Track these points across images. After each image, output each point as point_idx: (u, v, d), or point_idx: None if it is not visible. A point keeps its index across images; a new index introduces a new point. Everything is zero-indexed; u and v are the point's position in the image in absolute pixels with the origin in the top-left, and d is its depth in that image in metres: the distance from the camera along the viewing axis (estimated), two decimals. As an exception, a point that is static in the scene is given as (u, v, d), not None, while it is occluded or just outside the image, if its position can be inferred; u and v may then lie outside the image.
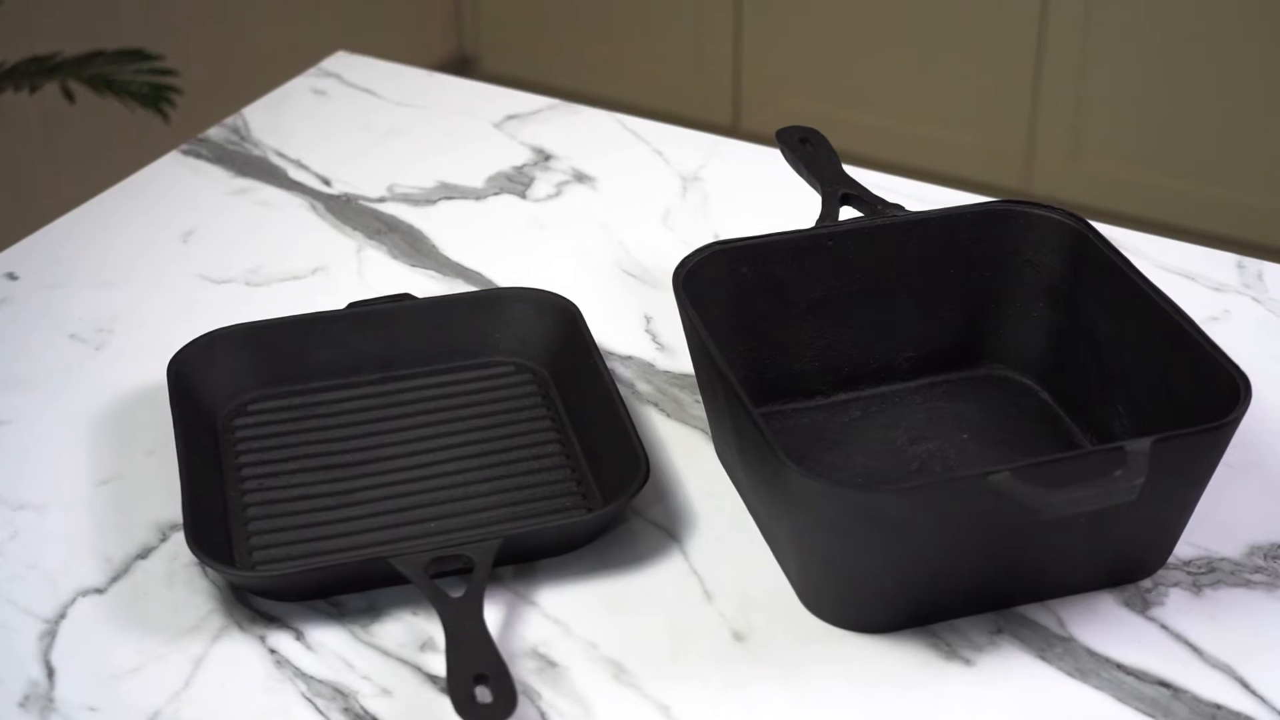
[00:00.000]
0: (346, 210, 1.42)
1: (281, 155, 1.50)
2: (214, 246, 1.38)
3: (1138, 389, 1.09)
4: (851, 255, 1.16)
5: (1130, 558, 1.03)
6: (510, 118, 1.56)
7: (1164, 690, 0.97)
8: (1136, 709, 0.96)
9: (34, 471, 1.14)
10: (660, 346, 1.26)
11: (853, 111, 3.17)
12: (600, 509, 1.06)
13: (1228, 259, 1.35)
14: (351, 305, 1.22)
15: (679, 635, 1.01)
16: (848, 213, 1.19)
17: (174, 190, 1.46)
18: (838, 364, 1.18)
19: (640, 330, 1.27)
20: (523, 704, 0.95)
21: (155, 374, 1.22)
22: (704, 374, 1.10)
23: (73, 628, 1.02)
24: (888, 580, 0.98)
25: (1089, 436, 1.14)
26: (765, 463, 0.99)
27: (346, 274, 1.34)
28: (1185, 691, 0.97)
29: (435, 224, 1.40)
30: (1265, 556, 1.06)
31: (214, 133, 1.54)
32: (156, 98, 2.04)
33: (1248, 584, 1.04)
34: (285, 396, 1.19)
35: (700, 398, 1.20)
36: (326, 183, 1.46)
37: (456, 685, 0.92)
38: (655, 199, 1.44)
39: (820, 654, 0.99)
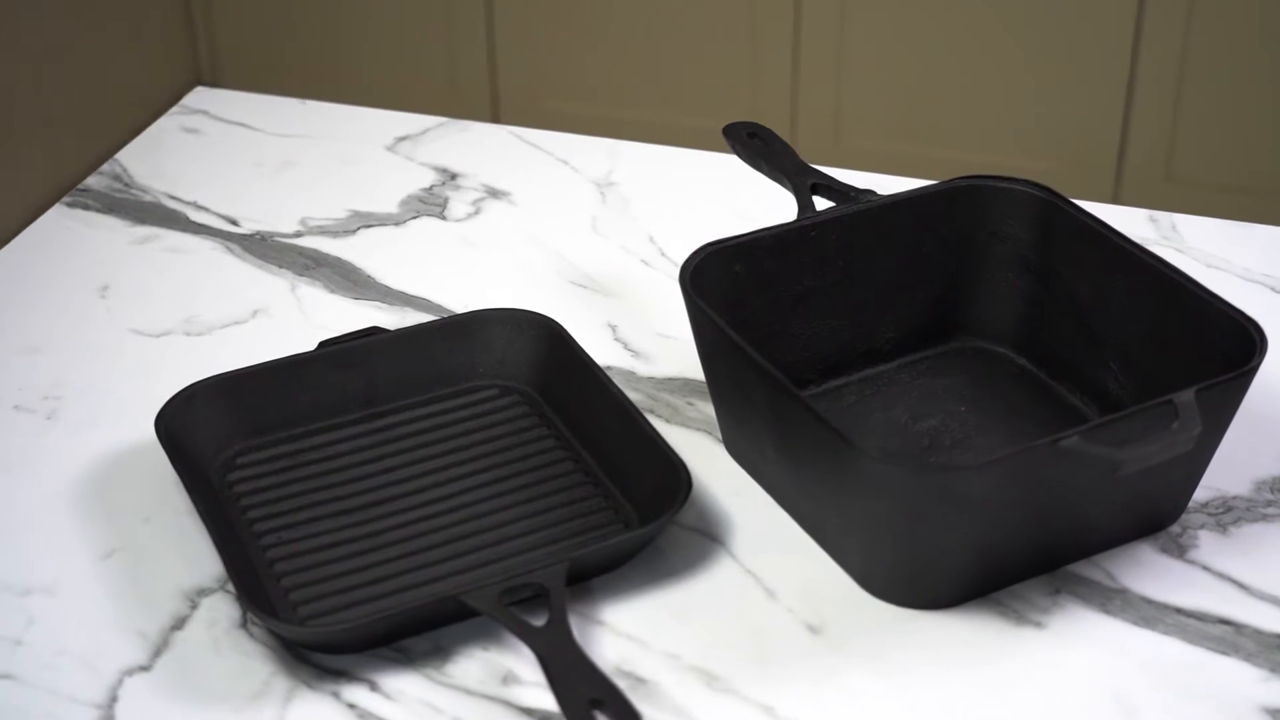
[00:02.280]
0: (265, 249, 1.38)
1: (175, 199, 1.45)
2: (136, 299, 1.32)
3: (1131, 345, 1.14)
4: (833, 244, 1.18)
5: (1163, 506, 1.07)
6: (401, 139, 1.53)
7: (1226, 628, 1.01)
8: (1209, 649, 1.00)
9: (28, 554, 1.08)
10: (635, 354, 1.25)
11: (616, 108, 3.17)
12: (651, 521, 1.05)
13: (1138, 214, 1.41)
14: (323, 345, 1.19)
15: (756, 636, 1.01)
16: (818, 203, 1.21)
17: (73, 245, 1.39)
18: (826, 352, 1.20)
19: (610, 340, 1.26)
20: (629, 724, 0.94)
21: (122, 437, 1.16)
22: (726, 371, 1.10)
23: (130, 710, 0.97)
24: (959, 556, 1.01)
25: (1078, 396, 1.17)
26: (828, 453, 1.00)
27: (289, 314, 1.30)
28: (1246, 626, 1.01)
29: (362, 254, 1.37)
30: (1273, 490, 1.11)
31: (94, 181, 1.47)
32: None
33: (1265, 518, 1.09)
34: (274, 445, 1.15)
35: (691, 400, 1.20)
36: (234, 223, 1.41)
37: (575, 714, 0.91)
38: (577, 207, 1.43)
39: (900, 636, 1.01)
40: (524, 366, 1.20)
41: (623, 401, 1.12)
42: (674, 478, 1.06)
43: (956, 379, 1.21)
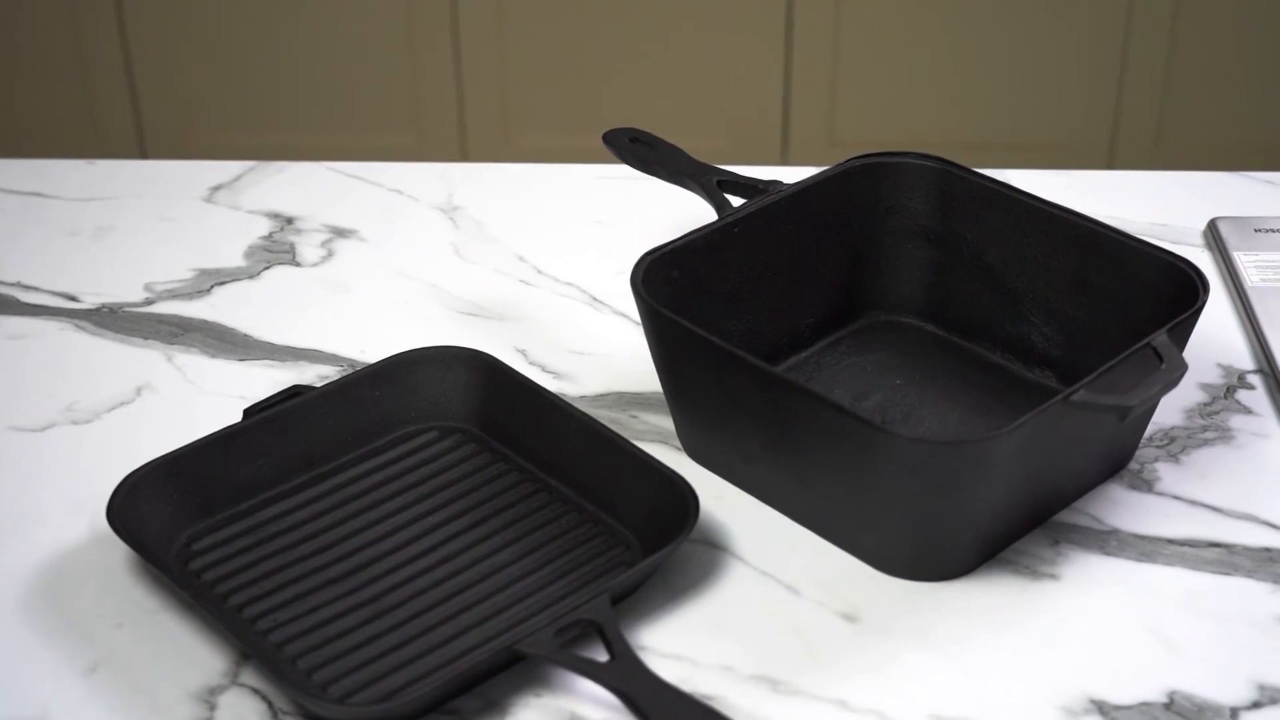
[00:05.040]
0: (119, 322, 1.29)
1: (-5, 282, 1.34)
2: (1, 391, 1.22)
3: (1053, 298, 1.18)
4: (755, 238, 1.19)
5: (1127, 446, 1.12)
6: (216, 188, 1.45)
7: (1219, 550, 1.07)
8: (1213, 572, 1.05)
9: (3, 684, 0.98)
10: (557, 375, 1.23)
11: (273, 133, 3.09)
12: (662, 539, 1.03)
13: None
14: (249, 413, 1.12)
15: (797, 634, 1.01)
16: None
17: (-101, 347, 1.27)
18: (756, 346, 1.20)
19: (525, 365, 1.24)
20: (717, 743, 0.93)
21: (52, 543, 1.08)
22: (697, 376, 1.09)
23: (191, 829, 0.90)
24: (977, 523, 1.03)
25: (1000, 355, 1.21)
26: (846, 441, 1.00)
27: (176, 386, 1.22)
28: (1235, 545, 1.07)
29: (226, 313, 1.30)
30: (1202, 415, 1.18)
31: (-107, 275, 1.35)
32: None
33: (1207, 442, 1.16)
34: (226, 525, 1.08)
35: (634, 413, 1.19)
36: (73, 299, 1.32)
37: (683, 743, 0.89)
38: (433, 236, 1.39)
39: (933, 610, 1.02)
40: (458, 404, 1.16)
41: (591, 424, 1.10)
42: (672, 491, 1.05)
43: (880, 354, 1.23)
